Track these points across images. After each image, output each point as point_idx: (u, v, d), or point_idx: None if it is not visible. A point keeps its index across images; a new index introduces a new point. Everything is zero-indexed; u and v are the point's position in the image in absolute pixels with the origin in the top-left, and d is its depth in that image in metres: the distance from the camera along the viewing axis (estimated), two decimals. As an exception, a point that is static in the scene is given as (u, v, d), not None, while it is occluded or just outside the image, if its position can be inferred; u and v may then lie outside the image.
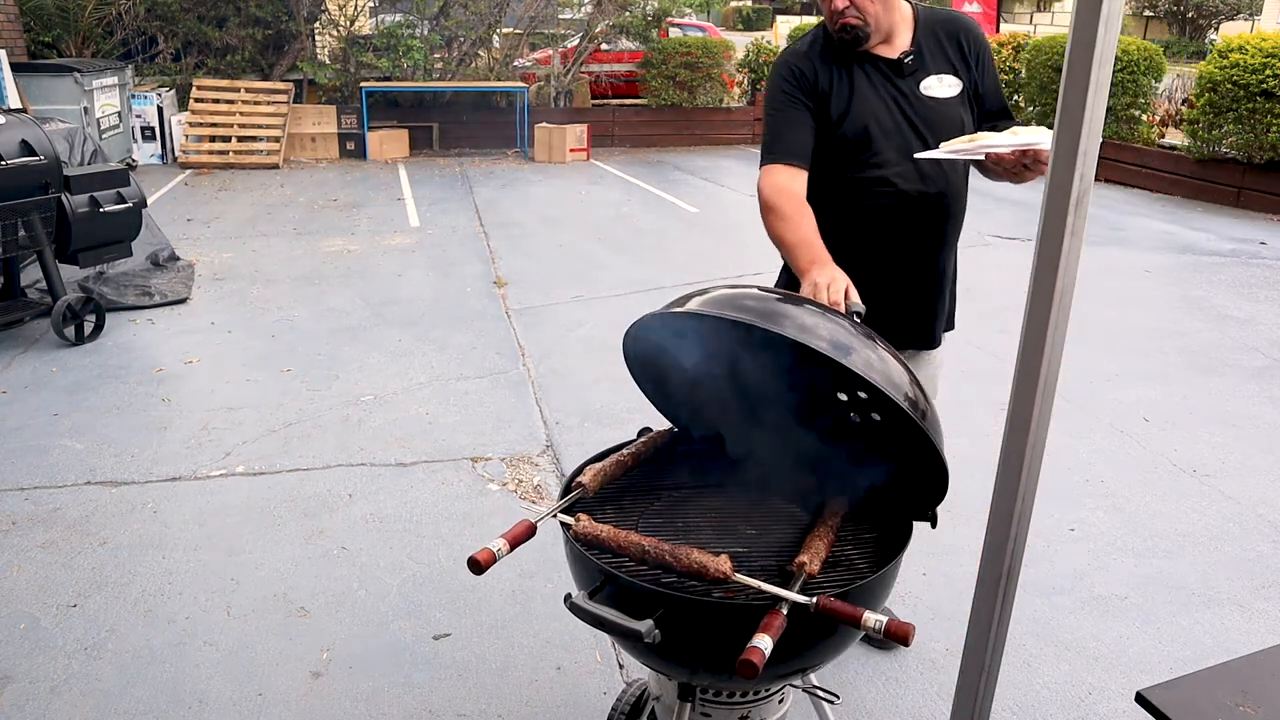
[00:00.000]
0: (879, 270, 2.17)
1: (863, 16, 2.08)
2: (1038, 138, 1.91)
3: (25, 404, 4.22)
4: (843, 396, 1.68)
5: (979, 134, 2.03)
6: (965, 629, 1.48)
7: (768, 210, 2.07)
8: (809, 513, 1.73)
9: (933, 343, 2.39)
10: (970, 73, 2.20)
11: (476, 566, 1.42)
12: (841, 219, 2.16)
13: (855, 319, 1.57)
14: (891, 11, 2.10)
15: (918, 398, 1.47)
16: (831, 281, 1.80)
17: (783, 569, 1.51)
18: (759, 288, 1.58)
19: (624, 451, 1.76)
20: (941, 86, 2.16)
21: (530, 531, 1.52)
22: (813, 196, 2.13)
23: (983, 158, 2.01)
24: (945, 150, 1.98)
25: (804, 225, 2.00)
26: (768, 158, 2.15)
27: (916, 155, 2.09)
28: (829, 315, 1.50)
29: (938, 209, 2.20)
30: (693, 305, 1.53)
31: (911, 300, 2.29)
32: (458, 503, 3.44)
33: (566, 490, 1.66)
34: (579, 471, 1.70)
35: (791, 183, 2.09)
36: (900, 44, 2.14)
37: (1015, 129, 2.00)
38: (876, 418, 1.65)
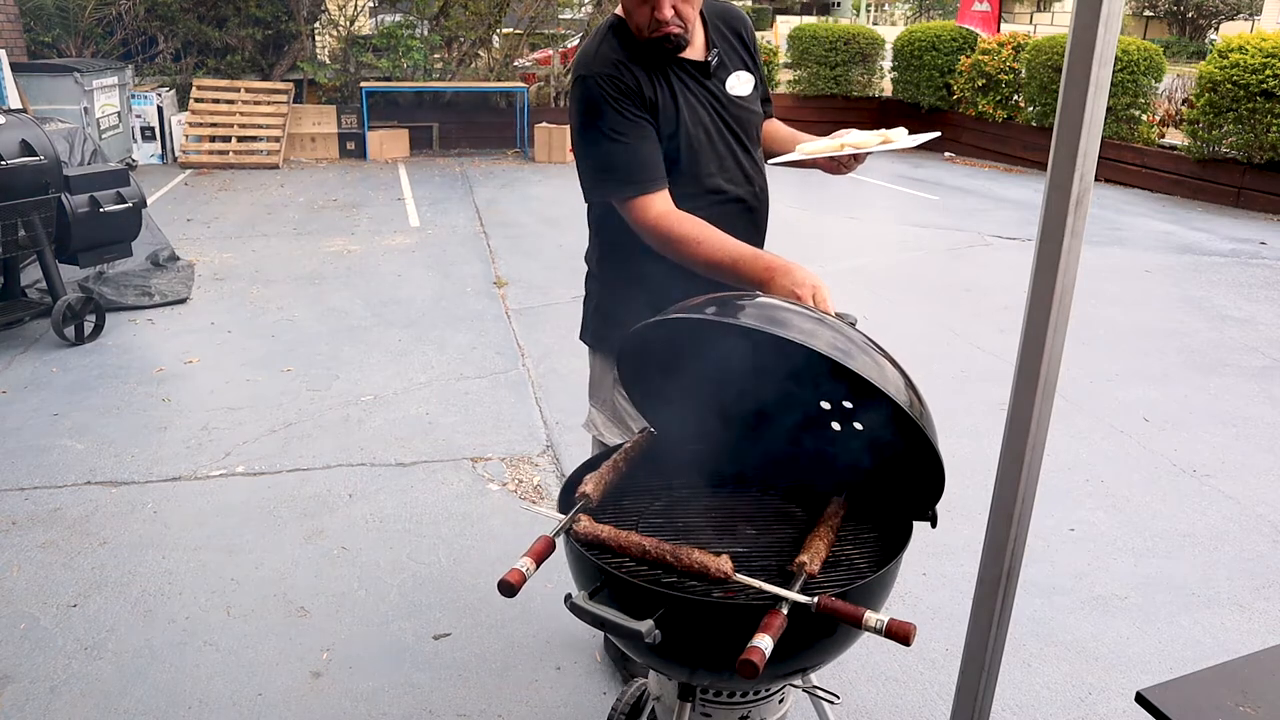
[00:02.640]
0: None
1: (684, 24, 1.91)
2: (899, 139, 1.95)
3: (25, 404, 4.22)
4: (826, 405, 1.68)
5: (844, 134, 2.00)
6: (965, 629, 1.48)
7: (675, 241, 1.87)
8: (809, 513, 1.73)
9: None
10: (756, 65, 2.13)
11: (509, 588, 1.41)
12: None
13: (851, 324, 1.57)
14: (696, 11, 1.97)
15: (913, 399, 1.47)
16: (816, 286, 1.71)
17: (783, 569, 1.51)
18: (755, 293, 1.58)
19: (617, 455, 1.76)
20: (740, 84, 2.07)
21: (550, 546, 1.52)
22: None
23: (846, 153, 2.00)
24: (801, 153, 1.97)
25: (726, 239, 1.86)
26: (631, 190, 1.91)
27: (772, 162, 2.03)
28: (826, 321, 1.50)
29: (762, 208, 2.14)
30: (695, 310, 1.53)
31: None
32: (458, 503, 3.44)
33: (567, 501, 1.66)
34: (577, 480, 1.70)
35: (667, 205, 1.92)
36: (699, 44, 2.02)
37: (860, 134, 2.01)
38: (858, 427, 1.65)
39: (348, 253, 7.08)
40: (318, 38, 12.76)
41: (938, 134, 2.02)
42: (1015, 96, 12.04)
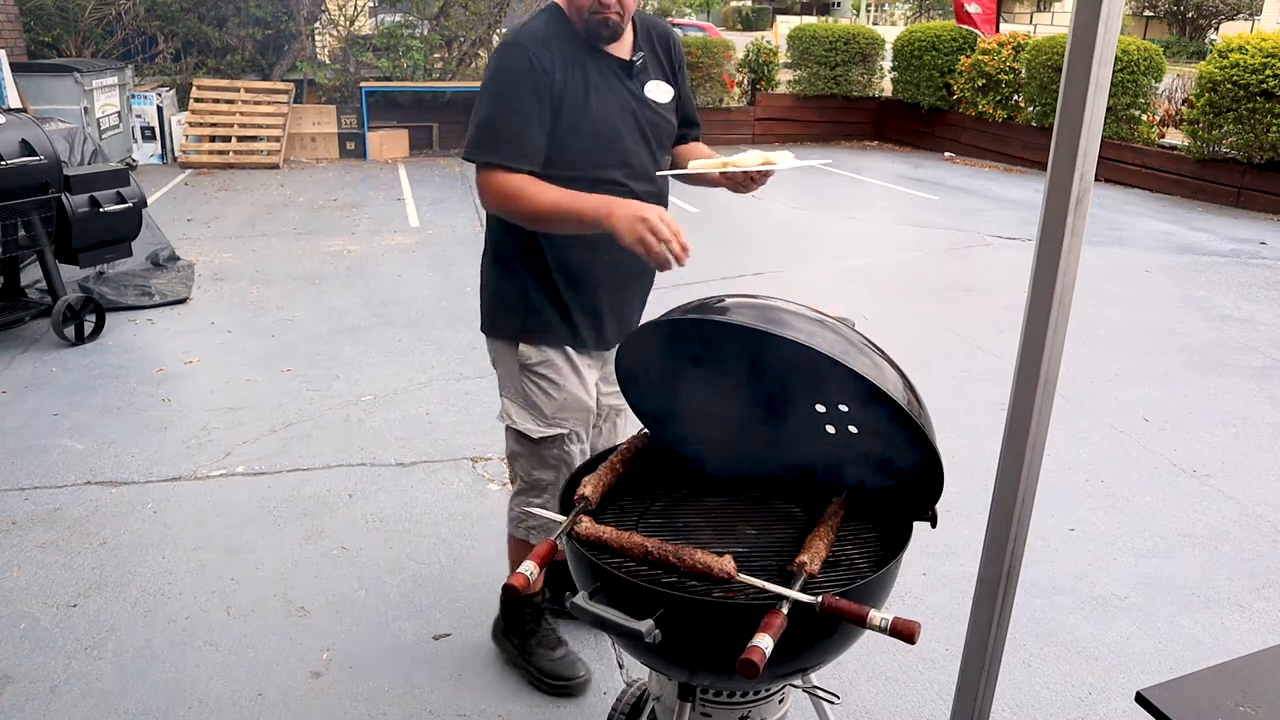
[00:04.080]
0: (611, 270, 2.15)
1: (624, 11, 1.99)
2: (782, 161, 1.98)
3: (25, 404, 4.22)
4: (821, 408, 1.68)
5: (728, 159, 2.02)
6: (965, 629, 1.48)
7: (511, 197, 1.96)
8: (809, 513, 1.73)
9: None
10: (676, 79, 2.19)
11: (514, 593, 1.43)
12: None
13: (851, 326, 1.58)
14: (634, 5, 2.05)
15: (911, 399, 1.48)
16: (660, 210, 1.82)
17: (783, 569, 1.51)
18: (753, 293, 1.57)
19: (614, 458, 1.76)
20: (659, 91, 2.14)
21: (554, 550, 1.52)
22: None
23: (714, 173, 2.04)
24: (693, 168, 2.00)
25: (551, 190, 1.95)
26: (496, 156, 1.96)
27: (659, 173, 2.07)
28: (827, 322, 1.50)
29: (660, 200, 2.15)
30: (694, 312, 1.53)
31: (636, 297, 2.30)
32: (458, 503, 3.44)
33: (567, 504, 1.66)
34: (575, 483, 1.70)
35: (514, 179, 1.98)
36: (628, 44, 2.10)
37: (745, 155, 2.02)
38: (854, 430, 1.66)
39: (348, 253, 7.08)
40: (318, 38, 12.75)
41: (828, 161, 2.15)
42: (1015, 96, 12.03)
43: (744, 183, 2.10)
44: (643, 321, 1.61)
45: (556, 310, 2.16)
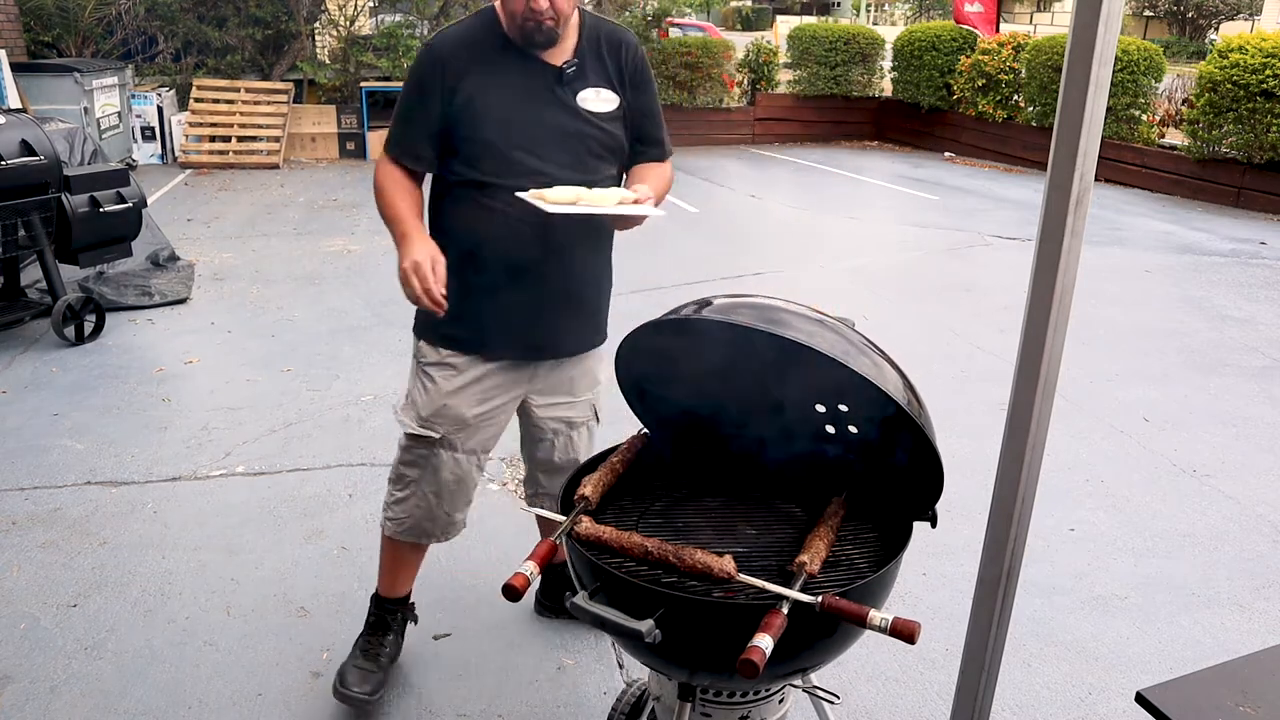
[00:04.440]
0: (523, 279, 2.09)
1: (558, 18, 1.94)
2: (646, 210, 1.93)
3: (25, 404, 4.22)
4: (821, 409, 1.68)
5: (584, 193, 1.91)
6: (965, 629, 1.48)
7: (375, 190, 2.10)
8: (809, 513, 1.73)
9: (562, 350, 2.26)
10: (626, 91, 2.09)
11: (514, 593, 1.41)
12: (481, 226, 2.06)
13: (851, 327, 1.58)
14: (573, 11, 2.00)
15: (911, 399, 1.48)
16: (417, 262, 1.92)
17: (783, 569, 1.51)
18: (752, 294, 1.57)
19: (614, 458, 1.76)
20: (599, 100, 2.05)
21: (553, 550, 1.52)
22: (453, 201, 2.09)
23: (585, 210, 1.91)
24: (549, 206, 1.85)
25: (407, 200, 2.05)
26: (391, 148, 2.10)
27: (519, 194, 1.91)
28: (827, 322, 1.50)
29: (568, 223, 1.99)
30: (694, 312, 1.53)
31: (563, 308, 2.17)
32: (458, 503, 3.44)
33: (567, 504, 1.66)
34: (575, 483, 1.70)
35: (402, 173, 2.09)
36: (565, 50, 2.03)
37: (621, 192, 1.94)
38: (853, 430, 1.66)
39: (348, 253, 7.08)
40: (318, 38, 12.75)
41: (662, 213, 2.02)
42: (1015, 96, 12.04)
43: (618, 224, 2.02)
44: (642, 322, 1.60)
45: (465, 315, 2.08)
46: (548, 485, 2.47)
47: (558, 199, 1.86)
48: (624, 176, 2.20)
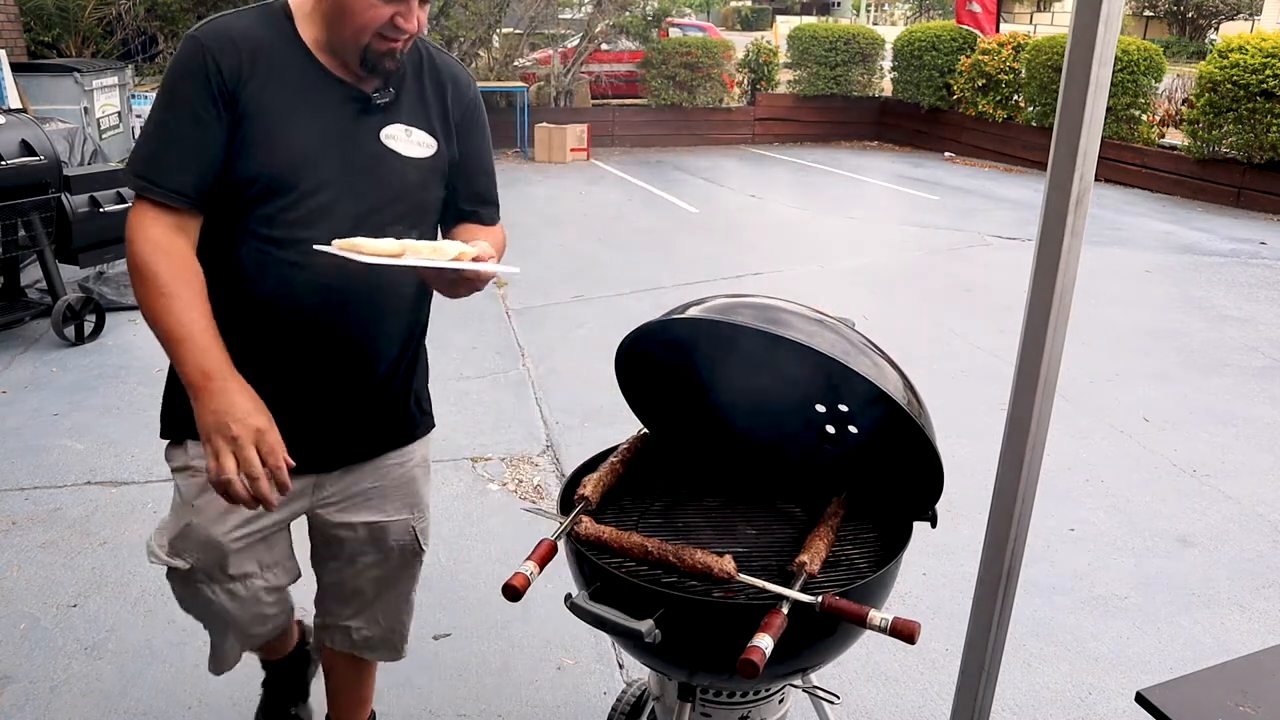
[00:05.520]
0: (303, 352, 1.59)
1: (411, 41, 1.55)
2: (492, 267, 1.54)
3: (25, 404, 4.22)
4: (821, 409, 1.68)
5: (411, 244, 1.47)
6: (965, 629, 1.48)
7: (137, 274, 1.45)
8: (808, 513, 1.73)
9: (358, 454, 1.76)
10: (451, 138, 1.68)
11: (514, 593, 1.41)
12: (251, 286, 1.55)
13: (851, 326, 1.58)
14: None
15: (911, 399, 1.48)
16: (260, 430, 1.38)
17: (783, 569, 1.51)
18: (753, 294, 1.58)
19: (614, 458, 1.76)
20: (409, 142, 1.61)
21: (553, 550, 1.52)
22: (205, 250, 1.53)
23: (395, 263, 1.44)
24: (365, 258, 1.42)
25: (199, 310, 1.44)
26: (144, 182, 1.47)
27: (317, 247, 1.46)
28: (827, 322, 1.50)
29: (361, 287, 1.58)
30: (695, 312, 1.53)
31: (359, 401, 1.70)
32: (458, 503, 3.44)
33: (567, 504, 1.66)
34: (575, 483, 1.70)
35: (174, 236, 1.47)
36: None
37: (460, 246, 1.50)
38: (853, 430, 1.66)
39: (348, 253, 7.08)
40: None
41: (515, 269, 1.63)
42: (1015, 96, 12.04)
43: (450, 284, 1.56)
44: (642, 323, 1.60)
45: None
46: (338, 614, 1.92)
47: (376, 250, 1.43)
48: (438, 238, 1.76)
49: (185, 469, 1.68)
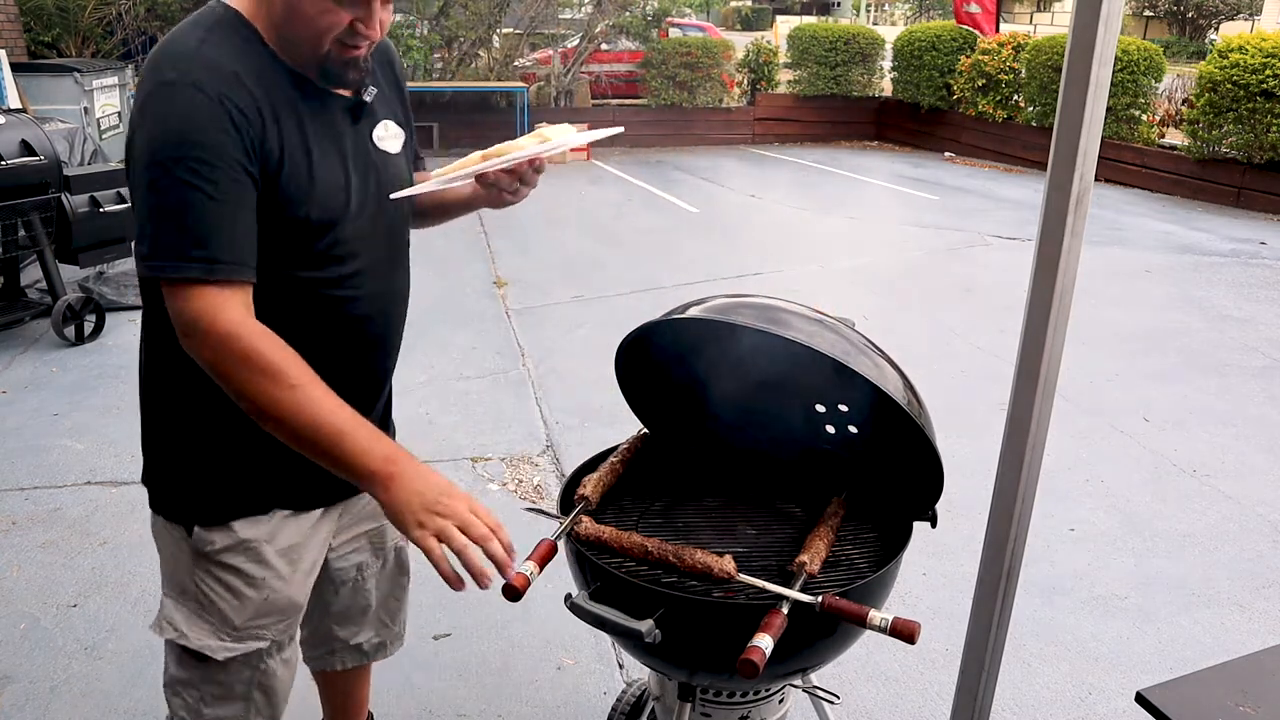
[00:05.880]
0: (346, 389, 1.36)
1: (374, 44, 1.40)
2: (561, 137, 1.49)
3: (25, 404, 4.22)
4: (820, 408, 1.68)
5: (504, 146, 1.47)
6: (965, 629, 1.48)
7: (256, 371, 1.25)
8: (808, 513, 1.73)
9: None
10: (408, 118, 1.60)
11: (514, 593, 1.40)
12: (306, 337, 1.36)
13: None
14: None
15: (911, 399, 1.48)
16: (471, 501, 1.29)
17: (783, 569, 1.51)
18: (752, 293, 1.58)
19: (614, 458, 1.76)
20: (390, 139, 1.51)
21: (553, 550, 1.52)
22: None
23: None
24: (438, 181, 1.43)
25: (333, 395, 1.29)
26: (202, 269, 1.25)
27: (394, 196, 1.45)
28: (827, 322, 1.50)
29: (401, 303, 1.62)
30: (695, 312, 1.53)
31: (373, 416, 1.69)
32: (458, 503, 3.43)
33: (567, 504, 1.66)
34: (575, 482, 1.70)
35: (252, 316, 1.29)
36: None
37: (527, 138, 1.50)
38: (853, 430, 1.66)
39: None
40: (317, 38, 12.74)
41: (619, 129, 1.51)
42: (1015, 96, 12.03)
43: (510, 185, 1.53)
44: (642, 323, 1.60)
45: (254, 466, 1.47)
46: (348, 637, 1.89)
47: (465, 165, 1.44)
48: None
49: (237, 546, 1.50)
